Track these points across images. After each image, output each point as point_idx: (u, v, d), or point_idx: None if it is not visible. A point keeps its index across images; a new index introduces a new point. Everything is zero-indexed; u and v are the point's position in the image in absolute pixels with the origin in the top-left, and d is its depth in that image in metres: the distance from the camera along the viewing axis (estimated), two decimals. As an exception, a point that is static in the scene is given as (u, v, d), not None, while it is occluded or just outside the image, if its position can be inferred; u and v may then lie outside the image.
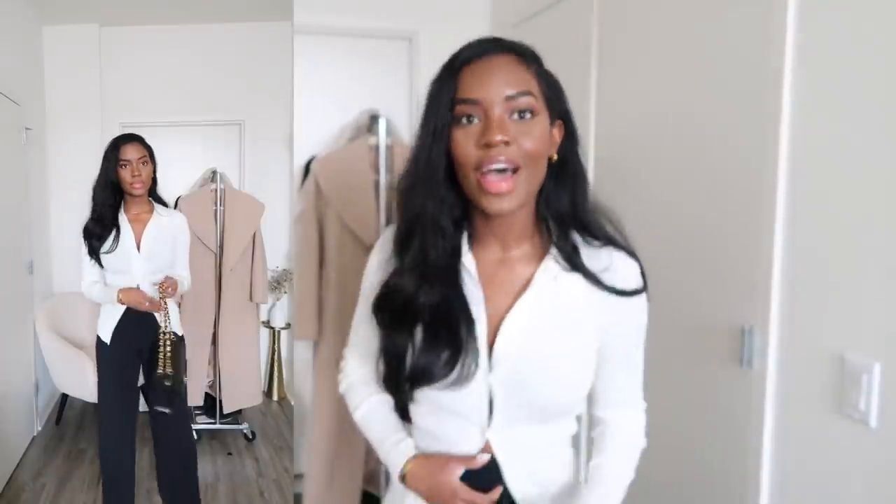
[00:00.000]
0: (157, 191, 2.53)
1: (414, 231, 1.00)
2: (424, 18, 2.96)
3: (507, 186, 0.92)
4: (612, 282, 1.01)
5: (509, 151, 0.91)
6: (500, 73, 0.93)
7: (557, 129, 0.99)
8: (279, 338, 3.91)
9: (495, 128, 0.91)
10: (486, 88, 0.92)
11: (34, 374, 3.41)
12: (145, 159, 2.41)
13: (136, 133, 2.48)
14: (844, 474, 1.34)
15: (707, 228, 1.72)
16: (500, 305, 1.01)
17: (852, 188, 1.31)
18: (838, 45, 1.35)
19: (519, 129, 0.92)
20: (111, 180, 2.37)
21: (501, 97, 0.92)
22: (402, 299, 1.00)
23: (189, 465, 2.64)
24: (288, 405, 3.83)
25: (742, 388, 1.59)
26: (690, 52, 1.76)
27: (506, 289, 1.01)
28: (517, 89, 0.92)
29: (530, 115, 0.93)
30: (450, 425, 1.04)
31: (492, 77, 0.93)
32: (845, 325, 1.33)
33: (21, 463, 3.19)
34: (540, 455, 1.06)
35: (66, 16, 3.60)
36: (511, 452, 1.04)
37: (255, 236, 3.48)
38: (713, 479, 1.71)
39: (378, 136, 2.44)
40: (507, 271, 1.02)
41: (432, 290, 0.98)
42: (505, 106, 0.92)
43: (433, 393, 1.00)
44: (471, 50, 0.95)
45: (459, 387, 0.97)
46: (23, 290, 3.31)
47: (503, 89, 0.92)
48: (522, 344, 0.99)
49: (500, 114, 0.92)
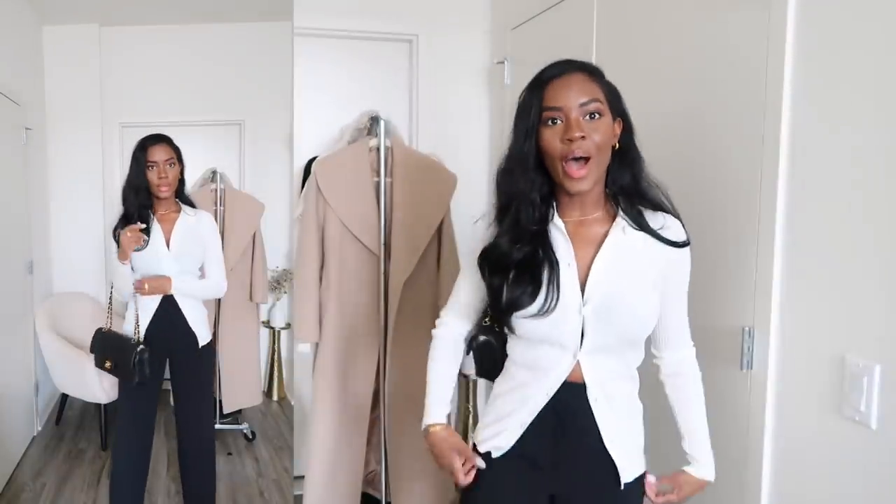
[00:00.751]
0: (184, 191, 2.53)
1: (510, 204, 1.32)
2: (425, 20, 2.96)
3: (584, 172, 1.25)
4: (667, 236, 1.32)
5: (584, 144, 1.23)
6: (576, 86, 1.25)
7: (618, 125, 1.30)
8: (279, 338, 3.90)
9: (574, 126, 1.23)
10: (566, 98, 1.24)
11: (34, 374, 3.40)
12: (172, 161, 2.41)
13: (163, 134, 2.46)
14: (845, 476, 1.34)
15: (707, 230, 1.72)
16: (585, 254, 1.31)
17: (852, 189, 1.32)
18: (838, 45, 1.35)
19: (590, 126, 1.24)
20: (141, 183, 2.36)
21: (577, 103, 1.24)
22: (498, 252, 1.32)
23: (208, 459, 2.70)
24: (288, 405, 3.82)
25: (742, 389, 1.59)
26: (690, 52, 1.76)
27: (588, 241, 1.31)
28: (588, 97, 1.25)
29: (598, 115, 1.25)
30: (545, 355, 1.32)
31: (569, 89, 1.25)
32: (846, 327, 1.33)
33: (21, 463, 3.19)
34: (616, 378, 1.33)
35: (66, 16, 3.59)
36: (595, 374, 1.31)
37: (255, 236, 3.49)
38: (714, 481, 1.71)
39: (378, 137, 2.44)
40: (586, 229, 1.33)
41: (523, 247, 1.30)
42: (580, 110, 1.24)
43: (529, 322, 1.29)
44: (553, 70, 1.28)
45: (546, 316, 1.27)
46: (23, 290, 3.31)
47: (578, 97, 1.24)
48: (608, 282, 1.28)
49: (576, 116, 1.24)
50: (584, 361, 1.30)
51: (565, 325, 1.29)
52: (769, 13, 1.49)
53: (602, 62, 2.19)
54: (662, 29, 1.88)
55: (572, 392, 1.31)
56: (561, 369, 1.31)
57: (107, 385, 3.18)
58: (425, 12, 2.97)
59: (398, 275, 2.44)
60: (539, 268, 1.29)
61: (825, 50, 1.38)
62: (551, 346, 1.31)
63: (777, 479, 1.52)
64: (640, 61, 1.98)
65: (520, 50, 2.73)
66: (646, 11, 1.96)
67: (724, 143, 1.65)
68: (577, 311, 1.28)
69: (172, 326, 2.42)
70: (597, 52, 2.18)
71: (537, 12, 2.56)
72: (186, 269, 2.44)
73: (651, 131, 1.94)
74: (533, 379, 1.34)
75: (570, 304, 1.28)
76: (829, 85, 1.37)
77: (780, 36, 1.46)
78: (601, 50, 2.17)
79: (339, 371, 2.47)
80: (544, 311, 1.27)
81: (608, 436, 1.32)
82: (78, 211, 3.57)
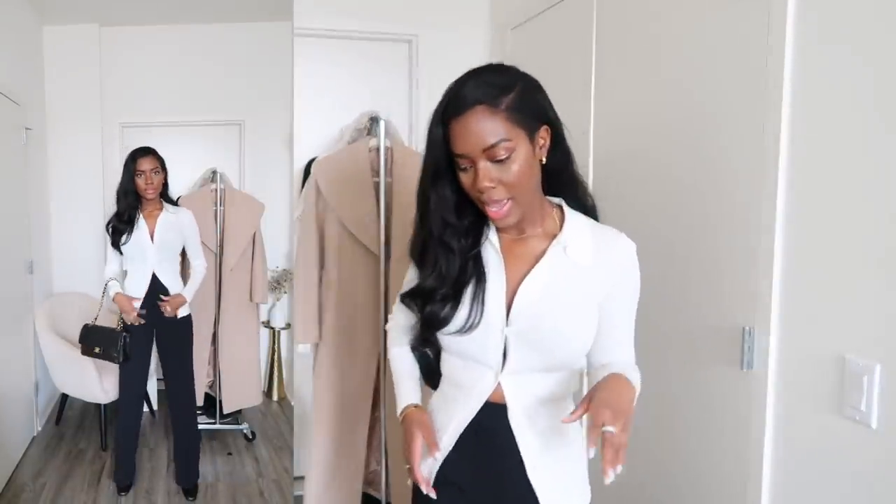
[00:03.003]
0: (167, 193, 3.06)
1: (428, 249, 1.26)
2: (424, 20, 2.96)
3: (504, 212, 1.17)
4: (611, 252, 1.24)
5: (496, 192, 1.15)
6: (476, 128, 1.12)
7: (544, 133, 1.18)
8: (279, 338, 3.90)
9: (482, 177, 1.14)
10: (468, 144, 1.13)
11: (34, 374, 3.40)
12: (157, 169, 2.94)
13: (150, 147, 2.97)
14: (846, 476, 1.34)
15: (707, 229, 1.72)
16: (518, 271, 1.23)
17: (852, 189, 1.32)
18: (838, 45, 1.35)
19: (499, 170, 1.14)
20: (130, 188, 2.92)
21: (480, 150, 1.13)
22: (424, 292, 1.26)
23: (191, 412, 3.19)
24: (288, 405, 3.82)
25: (743, 389, 1.59)
26: (690, 51, 1.77)
27: (525, 259, 1.24)
28: (492, 140, 1.12)
29: (507, 155, 1.13)
30: (469, 372, 1.26)
31: (470, 134, 1.13)
32: (846, 327, 1.33)
33: (21, 463, 3.20)
34: (545, 401, 1.25)
35: (66, 16, 3.60)
36: (518, 396, 1.24)
37: (255, 236, 3.49)
38: (714, 481, 1.71)
39: (378, 137, 2.44)
40: (523, 246, 1.25)
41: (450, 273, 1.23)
42: (486, 155, 1.13)
43: (450, 339, 1.25)
44: (452, 105, 1.15)
45: (468, 333, 1.22)
46: (23, 290, 3.31)
47: (481, 142, 1.12)
48: (538, 303, 1.20)
49: (483, 164, 1.14)
50: (506, 382, 1.24)
51: (487, 344, 1.23)
52: (769, 13, 1.49)
53: (602, 62, 2.21)
54: (662, 28, 1.88)
55: (494, 413, 1.24)
56: (483, 388, 1.25)
57: (107, 385, 3.19)
58: (425, 12, 2.96)
59: (398, 275, 2.44)
60: (464, 284, 1.23)
61: (825, 49, 1.38)
62: (476, 363, 1.26)
63: (777, 479, 1.52)
64: (640, 61, 1.98)
65: (520, 50, 2.73)
66: (645, 11, 1.96)
67: (725, 142, 1.65)
68: (500, 330, 1.22)
69: (157, 301, 2.96)
70: (596, 51, 2.19)
71: (537, 12, 2.56)
72: (165, 257, 3.01)
73: (651, 131, 1.95)
74: (459, 396, 1.28)
75: (493, 322, 1.22)
76: (829, 85, 1.37)
77: (780, 35, 1.46)
78: (601, 50, 2.17)
79: (339, 371, 2.47)
80: (467, 328, 1.22)
81: (531, 462, 1.23)
82: (78, 211, 3.57)
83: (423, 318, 1.26)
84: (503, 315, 1.22)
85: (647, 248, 1.97)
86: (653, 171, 1.93)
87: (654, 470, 1.94)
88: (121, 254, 2.95)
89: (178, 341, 3.08)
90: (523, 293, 1.21)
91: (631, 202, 2.01)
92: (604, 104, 2.15)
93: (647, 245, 1.96)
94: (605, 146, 2.14)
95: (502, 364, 1.23)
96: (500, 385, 1.24)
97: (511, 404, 1.24)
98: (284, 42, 2.95)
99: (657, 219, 1.91)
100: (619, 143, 2.09)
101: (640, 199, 1.98)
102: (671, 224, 1.85)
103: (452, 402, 1.30)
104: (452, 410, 1.29)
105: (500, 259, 1.24)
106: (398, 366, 1.42)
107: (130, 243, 2.92)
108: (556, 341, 1.21)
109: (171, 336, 3.05)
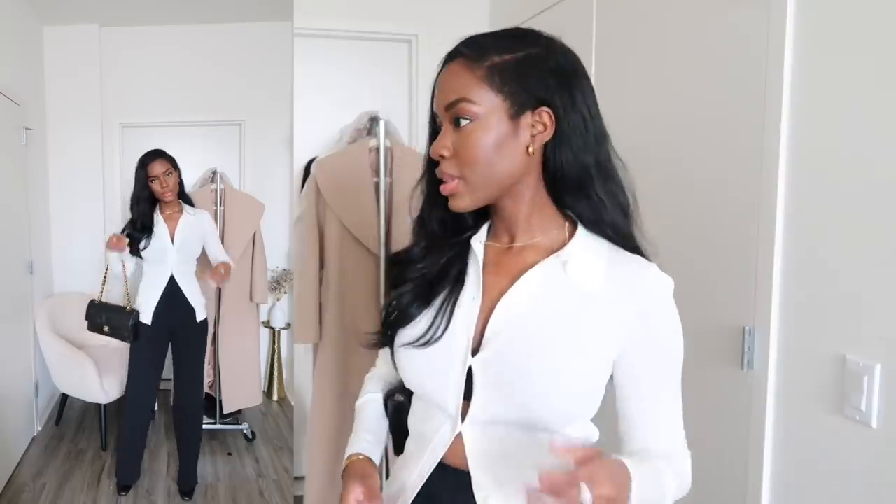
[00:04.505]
0: (184, 192, 3.00)
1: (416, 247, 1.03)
2: (424, 20, 2.96)
3: (450, 189, 0.92)
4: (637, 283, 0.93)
5: (447, 165, 0.92)
6: (445, 83, 0.92)
7: (544, 118, 0.91)
8: (279, 338, 3.90)
9: (436, 141, 0.92)
10: (436, 101, 0.94)
11: (34, 374, 3.40)
12: (170, 171, 2.86)
13: (159, 149, 2.88)
14: (846, 475, 1.34)
15: (707, 229, 1.72)
16: (499, 286, 0.95)
17: (852, 188, 1.32)
18: (838, 45, 1.35)
19: (456, 137, 0.91)
20: (144, 194, 2.85)
21: (443, 107, 0.92)
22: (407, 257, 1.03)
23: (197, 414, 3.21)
24: (288, 405, 3.82)
25: (743, 389, 1.59)
26: (690, 52, 1.77)
27: (511, 273, 0.95)
28: (451, 97, 0.90)
29: (467, 120, 0.89)
30: (428, 419, 0.98)
31: (438, 90, 0.93)
32: (846, 326, 1.33)
33: (21, 463, 3.19)
34: (519, 471, 0.88)
35: (66, 16, 3.59)
36: (484, 458, 0.92)
37: (255, 236, 3.48)
38: (715, 481, 1.71)
39: (378, 138, 2.44)
40: (513, 259, 0.97)
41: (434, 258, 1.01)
42: (446, 116, 0.91)
43: (405, 354, 0.98)
44: (445, 56, 0.94)
45: (426, 347, 0.95)
46: (23, 290, 3.30)
47: (443, 98, 0.92)
48: (515, 328, 0.92)
49: (446, 126, 0.92)
50: (469, 436, 0.92)
51: (447, 373, 0.94)
52: (769, 12, 1.49)
53: (602, 62, 2.21)
54: (662, 28, 1.88)
55: (453, 482, 0.93)
56: (438, 442, 0.95)
57: (107, 385, 3.18)
58: (425, 12, 2.97)
59: (398, 275, 2.44)
60: (440, 284, 0.99)
61: (825, 49, 1.38)
62: (436, 404, 0.96)
63: (778, 479, 1.52)
64: (640, 61, 1.98)
65: (520, 50, 2.73)
66: (645, 11, 1.96)
67: (725, 142, 1.65)
68: (464, 355, 0.93)
69: (175, 304, 2.93)
70: (596, 51, 2.19)
71: (537, 12, 2.56)
72: (184, 259, 2.95)
73: (651, 131, 1.95)
74: (416, 452, 0.99)
75: (456, 343, 0.94)
76: (829, 85, 1.37)
77: (780, 35, 1.46)
78: (601, 50, 2.17)
79: (339, 371, 2.46)
80: (425, 340, 0.95)
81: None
82: (78, 211, 3.57)
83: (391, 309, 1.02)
84: (469, 336, 0.93)
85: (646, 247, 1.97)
86: (652, 172, 1.93)
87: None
88: (141, 258, 2.92)
89: (194, 346, 3.08)
90: (499, 312, 0.93)
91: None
92: (603, 104, 2.14)
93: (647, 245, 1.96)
94: (605, 146, 2.13)
95: (461, 408, 0.93)
96: (460, 439, 0.93)
97: (474, 471, 0.91)
98: (284, 42, 2.95)
99: (657, 219, 1.90)
100: (618, 143, 2.07)
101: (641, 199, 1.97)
102: (671, 224, 1.85)
103: (410, 460, 1.00)
104: (404, 472, 1.00)
105: (479, 267, 0.97)
106: (359, 415, 1.13)
107: (150, 248, 2.88)
108: (531, 381, 0.88)
109: (187, 340, 3.04)
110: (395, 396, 1.09)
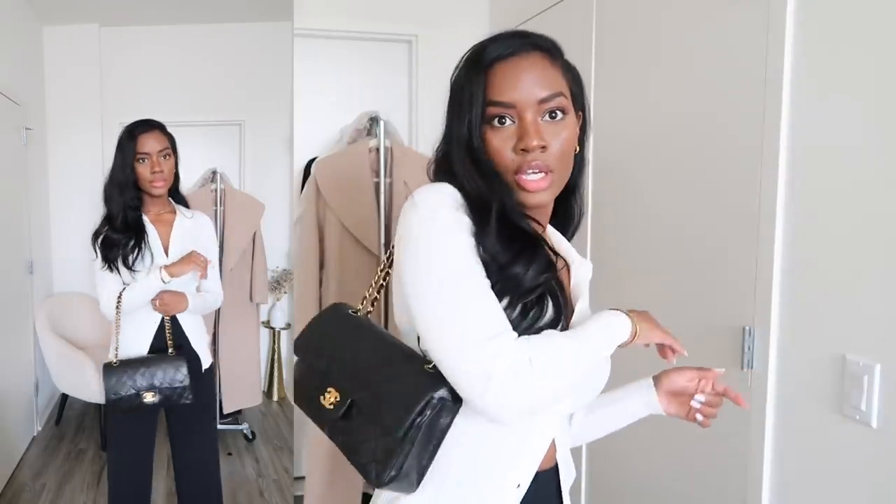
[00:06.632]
0: (179, 188, 2.18)
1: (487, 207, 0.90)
2: (425, 20, 2.97)
3: (545, 184, 0.92)
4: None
5: (544, 156, 0.90)
6: (532, 74, 0.91)
7: (579, 119, 0.98)
8: (279, 338, 3.90)
9: (531, 132, 0.89)
10: (520, 91, 0.90)
11: (34, 374, 3.40)
12: (167, 151, 2.05)
13: (154, 119, 2.11)
14: (846, 475, 1.34)
15: (707, 229, 1.72)
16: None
17: (852, 188, 1.32)
18: (838, 46, 1.35)
19: (551, 130, 0.91)
20: (128, 178, 2.01)
21: (535, 100, 0.90)
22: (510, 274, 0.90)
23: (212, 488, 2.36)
24: (288, 405, 3.82)
25: (743, 389, 1.59)
26: (690, 52, 1.77)
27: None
28: (550, 91, 0.91)
29: (562, 115, 0.92)
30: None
31: (525, 77, 0.90)
32: (846, 326, 1.33)
33: (21, 463, 3.19)
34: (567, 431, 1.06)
35: (66, 16, 3.59)
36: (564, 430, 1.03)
37: (255, 236, 3.48)
38: (715, 481, 1.71)
39: (378, 138, 2.44)
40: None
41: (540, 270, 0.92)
42: (538, 108, 0.90)
43: None
44: (500, 47, 0.92)
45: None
46: (23, 290, 3.31)
47: (536, 92, 0.90)
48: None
49: (533, 117, 0.90)
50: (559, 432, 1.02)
51: None
52: (768, 12, 1.49)
53: (601, 62, 2.21)
54: (661, 29, 1.88)
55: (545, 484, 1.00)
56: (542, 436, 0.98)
57: (107, 385, 3.18)
58: (425, 12, 2.97)
59: (398, 275, 2.44)
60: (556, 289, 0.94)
61: (825, 48, 1.38)
62: None
63: (777, 479, 1.52)
64: (639, 61, 1.98)
65: (520, 50, 2.73)
66: (645, 11, 1.96)
67: (724, 142, 1.65)
68: None
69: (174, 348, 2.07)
70: (596, 51, 2.19)
71: (537, 12, 2.56)
72: (186, 281, 2.07)
73: (650, 131, 1.95)
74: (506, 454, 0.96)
75: None
76: (828, 84, 1.37)
77: (780, 35, 1.46)
78: (600, 50, 2.17)
79: (340, 371, 2.47)
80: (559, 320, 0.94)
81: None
82: (78, 211, 3.56)
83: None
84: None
85: (647, 247, 1.97)
86: (652, 172, 1.93)
87: (654, 470, 1.94)
88: (118, 274, 1.97)
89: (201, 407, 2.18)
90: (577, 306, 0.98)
91: (630, 203, 2.02)
92: (603, 104, 2.15)
93: (648, 245, 1.97)
94: (605, 146, 2.13)
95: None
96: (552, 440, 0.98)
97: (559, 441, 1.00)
98: (284, 42, 2.95)
99: (657, 219, 1.91)
100: (618, 143, 2.09)
101: (640, 200, 1.98)
102: (671, 224, 1.85)
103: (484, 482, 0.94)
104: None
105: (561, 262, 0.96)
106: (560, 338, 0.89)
107: (138, 262, 2.00)
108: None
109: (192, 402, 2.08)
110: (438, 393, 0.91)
